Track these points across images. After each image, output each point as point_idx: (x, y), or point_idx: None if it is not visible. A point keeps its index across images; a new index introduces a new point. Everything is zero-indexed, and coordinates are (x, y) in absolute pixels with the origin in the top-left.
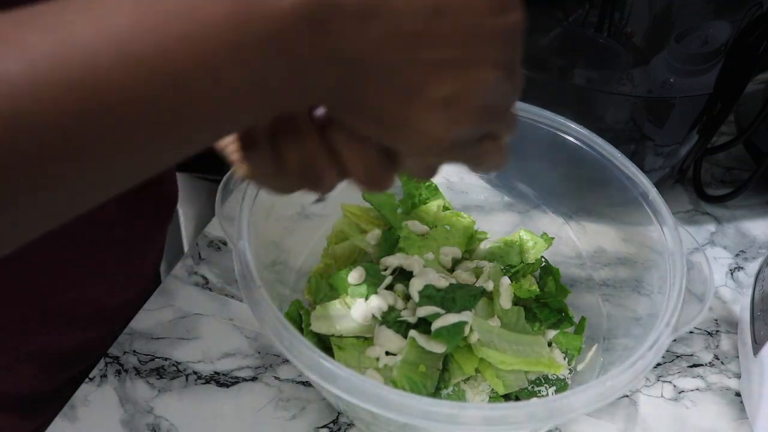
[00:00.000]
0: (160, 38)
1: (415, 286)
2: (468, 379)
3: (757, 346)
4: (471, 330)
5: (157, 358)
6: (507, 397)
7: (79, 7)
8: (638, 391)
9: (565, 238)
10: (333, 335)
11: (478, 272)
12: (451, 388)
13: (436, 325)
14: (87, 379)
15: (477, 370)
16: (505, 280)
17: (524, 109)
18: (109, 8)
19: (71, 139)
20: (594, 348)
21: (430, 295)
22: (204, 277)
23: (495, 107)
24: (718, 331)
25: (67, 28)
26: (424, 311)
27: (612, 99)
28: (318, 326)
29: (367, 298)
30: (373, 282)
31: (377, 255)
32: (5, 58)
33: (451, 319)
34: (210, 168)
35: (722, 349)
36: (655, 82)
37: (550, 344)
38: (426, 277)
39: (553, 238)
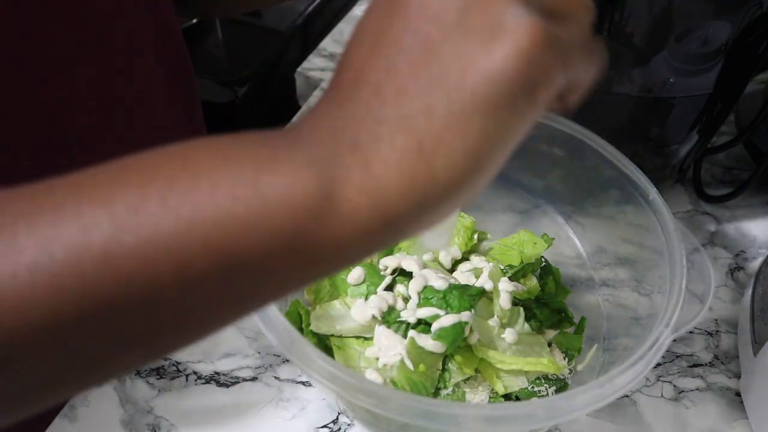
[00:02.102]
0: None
1: (415, 286)
2: (468, 379)
3: (757, 346)
4: (471, 330)
5: None
6: (507, 397)
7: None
8: (638, 391)
9: (565, 238)
10: (333, 335)
11: (477, 272)
12: (451, 388)
13: (436, 326)
14: None
15: (477, 370)
16: (505, 280)
17: None
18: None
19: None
20: (594, 348)
21: (429, 295)
22: None
23: None
24: (718, 331)
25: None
26: (424, 312)
27: (612, 99)
28: (318, 326)
29: (366, 298)
30: (372, 282)
31: (377, 255)
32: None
33: (451, 319)
34: None
35: (722, 349)
36: (655, 82)
37: (550, 344)
38: (425, 277)
39: (553, 238)
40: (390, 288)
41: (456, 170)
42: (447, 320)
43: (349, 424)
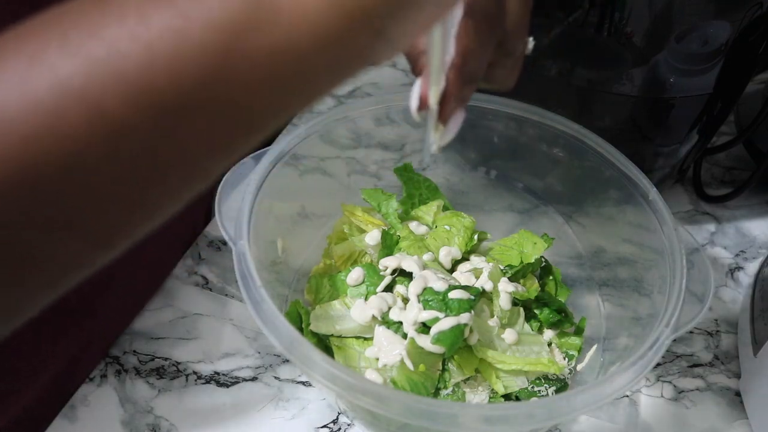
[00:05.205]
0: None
1: (414, 289)
2: (468, 379)
3: (757, 346)
4: (471, 331)
5: (157, 358)
6: (507, 397)
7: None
8: (638, 391)
9: (565, 238)
10: (333, 335)
11: (477, 273)
12: (451, 389)
13: (435, 329)
14: (87, 379)
15: (477, 371)
16: (505, 281)
17: (524, 109)
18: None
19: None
20: (594, 348)
21: (429, 297)
22: (204, 277)
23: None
24: (718, 331)
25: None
26: (424, 315)
27: (612, 99)
28: (318, 326)
29: (366, 299)
30: (372, 282)
31: (377, 255)
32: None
33: (450, 322)
34: None
35: (722, 349)
36: (655, 82)
37: (550, 344)
38: (425, 278)
39: (553, 238)
40: (390, 288)
41: None
42: (446, 323)
43: (349, 424)
